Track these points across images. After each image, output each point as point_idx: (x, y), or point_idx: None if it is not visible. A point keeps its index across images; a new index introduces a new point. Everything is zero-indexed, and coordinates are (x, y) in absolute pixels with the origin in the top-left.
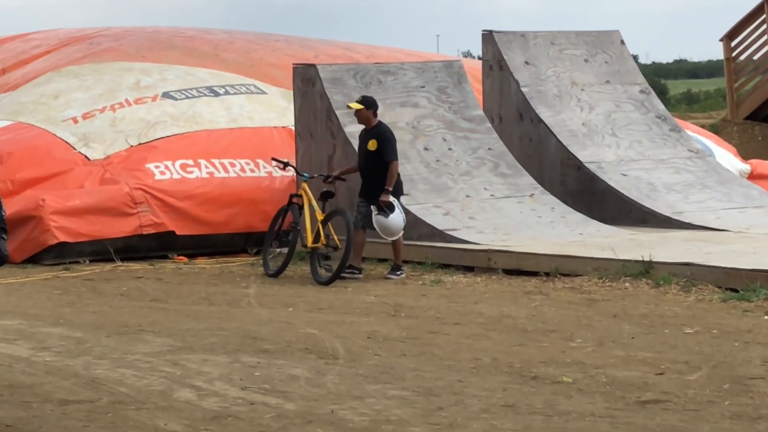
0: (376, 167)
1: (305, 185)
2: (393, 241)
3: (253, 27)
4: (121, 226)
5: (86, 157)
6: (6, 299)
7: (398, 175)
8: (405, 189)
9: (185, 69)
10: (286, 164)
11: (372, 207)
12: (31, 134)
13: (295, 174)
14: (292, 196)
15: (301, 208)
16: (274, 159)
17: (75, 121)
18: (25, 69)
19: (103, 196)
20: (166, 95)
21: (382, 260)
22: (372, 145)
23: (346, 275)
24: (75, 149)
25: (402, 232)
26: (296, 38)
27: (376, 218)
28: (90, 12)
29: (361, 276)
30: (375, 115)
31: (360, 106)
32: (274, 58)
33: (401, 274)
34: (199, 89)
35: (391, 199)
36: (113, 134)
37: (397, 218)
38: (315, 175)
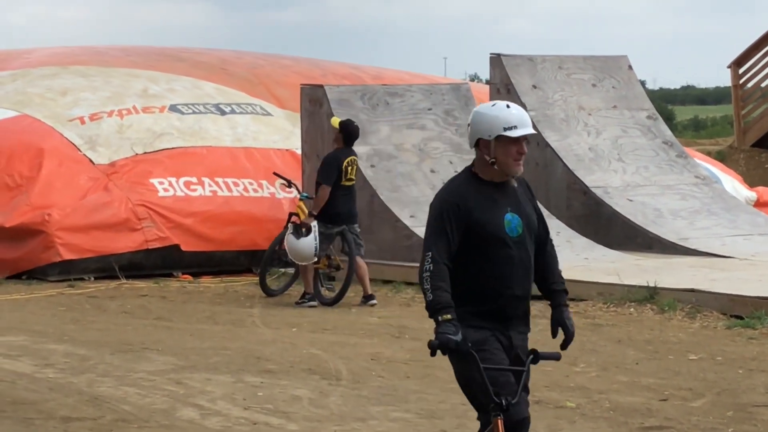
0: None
1: (302, 204)
2: (357, 271)
3: (259, 49)
4: (126, 241)
5: (91, 160)
6: (10, 315)
7: (349, 209)
8: (411, 210)
9: (192, 81)
10: (290, 183)
11: (289, 225)
12: (39, 130)
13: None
14: (290, 216)
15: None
16: (276, 174)
17: (82, 121)
18: (29, 58)
19: (108, 211)
20: (173, 108)
21: (386, 281)
22: None
23: (300, 302)
24: (81, 151)
25: (314, 260)
26: (304, 58)
27: (287, 237)
28: (98, 30)
29: (315, 304)
30: (344, 142)
31: (337, 126)
32: (281, 75)
33: (373, 302)
34: (206, 105)
35: (312, 224)
36: (119, 141)
37: (308, 243)
38: (313, 196)
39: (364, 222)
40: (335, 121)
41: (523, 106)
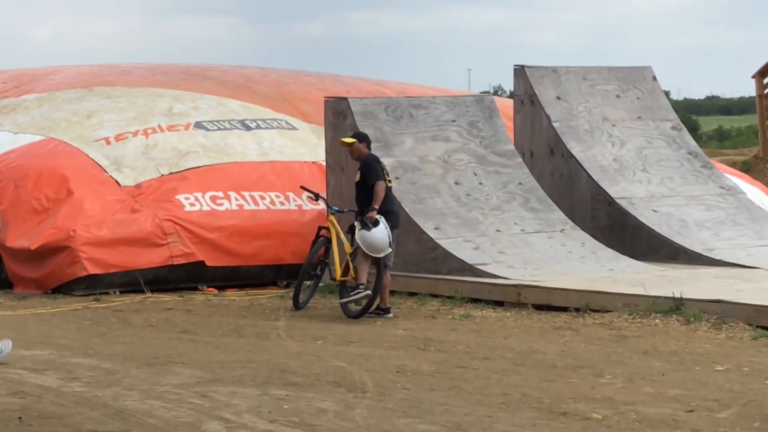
0: (364, 199)
1: (332, 218)
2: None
3: (283, 63)
4: (151, 256)
5: (117, 182)
6: (36, 329)
7: (397, 209)
8: (435, 222)
9: (217, 99)
10: (317, 196)
11: (355, 223)
12: (64, 152)
13: (325, 207)
14: (320, 229)
15: (329, 241)
16: (303, 188)
17: (107, 141)
18: (54, 79)
19: (133, 226)
20: (198, 125)
21: (411, 294)
22: (357, 176)
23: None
24: (107, 172)
25: (389, 250)
26: (329, 74)
27: (359, 233)
28: (123, 44)
29: (369, 292)
30: (368, 148)
31: (353, 140)
32: (306, 93)
33: (389, 316)
34: (231, 122)
35: (378, 216)
36: (145, 161)
37: (381, 233)
38: (345, 210)
39: None
40: (348, 139)
41: (547, 117)
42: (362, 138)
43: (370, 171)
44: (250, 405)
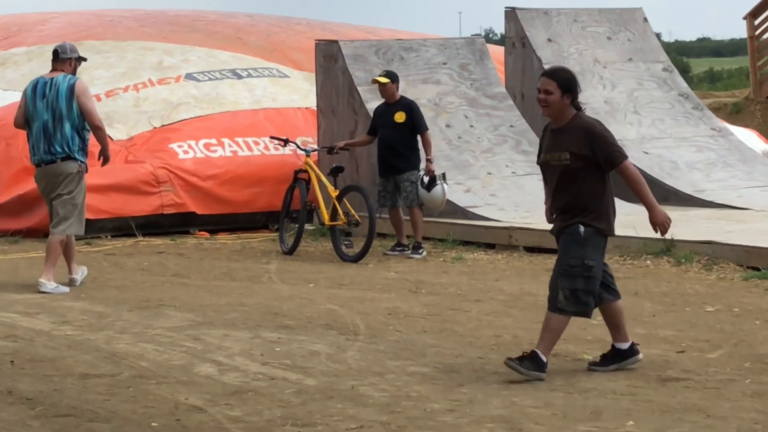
0: (403, 140)
1: (309, 160)
2: (411, 217)
3: (273, 9)
4: (142, 205)
5: (109, 137)
6: (29, 273)
7: (418, 150)
8: None
9: (207, 51)
10: (286, 141)
11: (423, 177)
12: None
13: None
14: (297, 172)
15: (308, 183)
16: (272, 137)
17: (98, 98)
18: (43, 30)
19: (126, 174)
20: (189, 76)
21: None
22: (400, 117)
23: (396, 252)
24: None
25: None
26: (318, 22)
27: (422, 192)
28: None
29: (409, 252)
30: (398, 88)
31: (387, 80)
32: (296, 42)
33: (423, 252)
34: (222, 72)
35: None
36: (136, 115)
37: (439, 189)
38: (317, 148)
39: None
40: (382, 78)
41: (538, 59)
42: (395, 78)
43: (421, 118)
44: (242, 348)
